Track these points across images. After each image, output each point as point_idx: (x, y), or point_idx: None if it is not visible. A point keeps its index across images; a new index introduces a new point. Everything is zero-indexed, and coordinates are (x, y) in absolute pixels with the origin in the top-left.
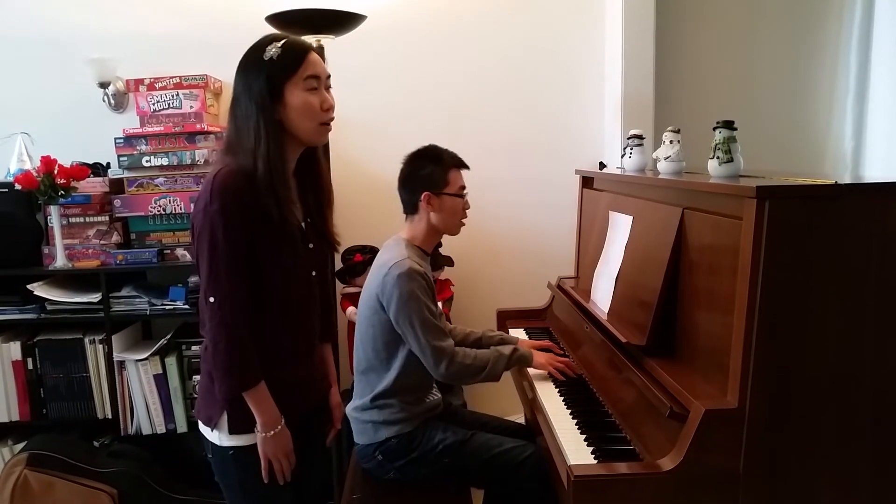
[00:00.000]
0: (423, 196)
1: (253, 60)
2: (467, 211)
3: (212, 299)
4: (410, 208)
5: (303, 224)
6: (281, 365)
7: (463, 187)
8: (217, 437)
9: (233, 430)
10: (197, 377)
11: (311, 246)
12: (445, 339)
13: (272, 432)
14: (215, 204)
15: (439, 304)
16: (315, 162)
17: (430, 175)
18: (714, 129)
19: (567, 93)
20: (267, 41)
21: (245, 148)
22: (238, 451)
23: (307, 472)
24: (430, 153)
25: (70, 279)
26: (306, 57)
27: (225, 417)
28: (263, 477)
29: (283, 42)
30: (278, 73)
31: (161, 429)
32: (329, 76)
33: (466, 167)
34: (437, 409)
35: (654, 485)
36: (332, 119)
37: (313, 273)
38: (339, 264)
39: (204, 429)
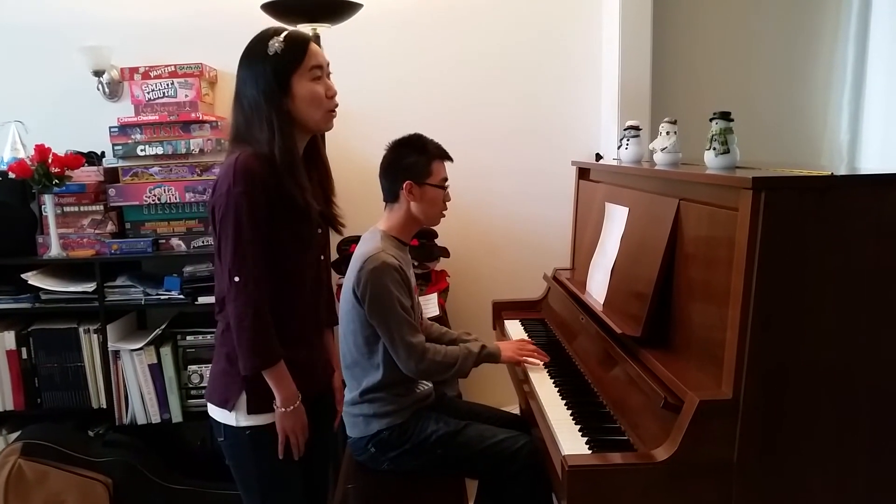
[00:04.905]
0: (404, 185)
1: (256, 54)
2: (448, 203)
3: (237, 279)
4: (391, 196)
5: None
6: (293, 346)
7: (445, 179)
8: (234, 418)
9: (252, 410)
10: (192, 367)
11: (319, 230)
12: (416, 335)
13: (291, 408)
14: (239, 186)
15: (434, 295)
16: (317, 149)
17: (413, 164)
18: (711, 120)
19: (564, 83)
20: (268, 35)
21: (258, 139)
22: (254, 431)
23: (315, 454)
24: (415, 142)
25: (64, 268)
26: (308, 48)
27: (244, 398)
28: (279, 453)
29: (284, 35)
30: (285, 67)
31: (156, 419)
32: (329, 63)
33: (450, 159)
34: (428, 399)
35: (648, 475)
36: (337, 105)
37: (321, 257)
38: (334, 255)
39: (217, 411)
